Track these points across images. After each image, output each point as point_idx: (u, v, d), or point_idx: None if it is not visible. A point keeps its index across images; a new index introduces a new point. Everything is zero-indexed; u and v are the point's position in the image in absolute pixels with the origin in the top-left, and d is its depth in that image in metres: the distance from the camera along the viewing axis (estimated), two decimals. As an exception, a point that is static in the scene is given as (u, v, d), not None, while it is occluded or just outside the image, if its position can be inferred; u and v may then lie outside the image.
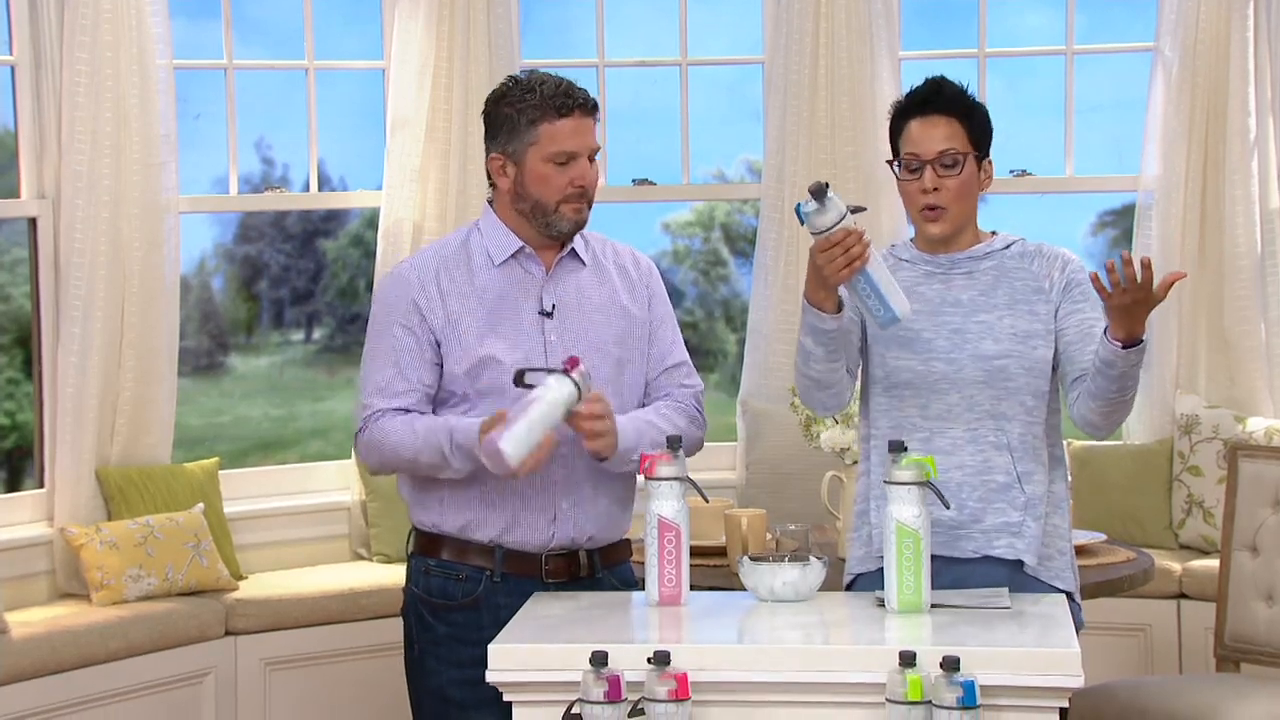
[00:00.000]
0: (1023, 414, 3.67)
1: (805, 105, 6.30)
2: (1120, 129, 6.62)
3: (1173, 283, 3.39)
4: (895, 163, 3.73)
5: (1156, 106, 6.24)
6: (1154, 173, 6.25)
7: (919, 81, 3.79)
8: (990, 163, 3.76)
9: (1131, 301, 3.36)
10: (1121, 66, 6.66)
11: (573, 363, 3.49)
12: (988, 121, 3.76)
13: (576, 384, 3.47)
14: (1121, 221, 6.94)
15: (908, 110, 3.74)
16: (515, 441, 3.40)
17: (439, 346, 3.67)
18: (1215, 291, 6.18)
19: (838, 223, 3.45)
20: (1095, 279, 3.36)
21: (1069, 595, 3.69)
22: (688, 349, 3.87)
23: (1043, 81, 6.64)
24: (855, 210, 3.49)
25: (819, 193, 3.43)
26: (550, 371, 3.49)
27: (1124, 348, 3.43)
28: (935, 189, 3.68)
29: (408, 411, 3.67)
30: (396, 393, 3.67)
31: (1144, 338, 3.44)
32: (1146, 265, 3.33)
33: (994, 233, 3.80)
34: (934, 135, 3.69)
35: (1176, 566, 5.82)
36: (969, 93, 3.75)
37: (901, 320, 3.56)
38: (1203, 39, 6.13)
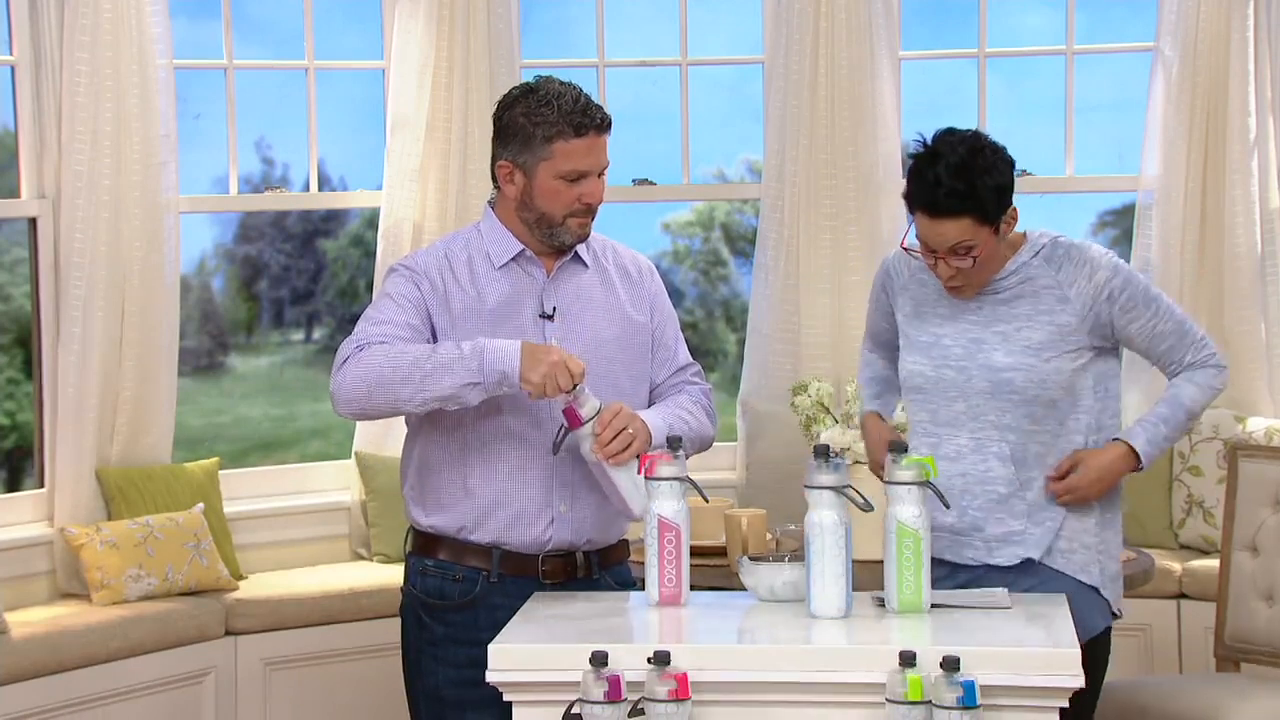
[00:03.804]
0: (1029, 424, 3.67)
1: (805, 105, 6.29)
2: (1120, 129, 6.62)
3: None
4: (909, 233, 3.64)
5: (1156, 106, 6.24)
6: (1154, 173, 6.25)
7: (919, 143, 3.62)
8: (1014, 209, 3.64)
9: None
10: (1121, 66, 6.65)
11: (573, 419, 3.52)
12: (1001, 189, 3.58)
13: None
14: (1121, 221, 6.93)
15: (912, 203, 3.61)
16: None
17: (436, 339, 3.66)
18: (1215, 291, 6.18)
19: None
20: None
21: (1096, 590, 3.70)
22: (688, 349, 3.87)
23: (1043, 81, 6.63)
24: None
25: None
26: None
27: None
28: (953, 274, 3.63)
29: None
30: (399, 324, 3.60)
31: (1139, 466, 3.72)
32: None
33: (1025, 235, 3.73)
34: (943, 234, 3.59)
35: (1176, 566, 5.82)
36: (973, 169, 3.54)
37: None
38: (1203, 39, 6.13)
